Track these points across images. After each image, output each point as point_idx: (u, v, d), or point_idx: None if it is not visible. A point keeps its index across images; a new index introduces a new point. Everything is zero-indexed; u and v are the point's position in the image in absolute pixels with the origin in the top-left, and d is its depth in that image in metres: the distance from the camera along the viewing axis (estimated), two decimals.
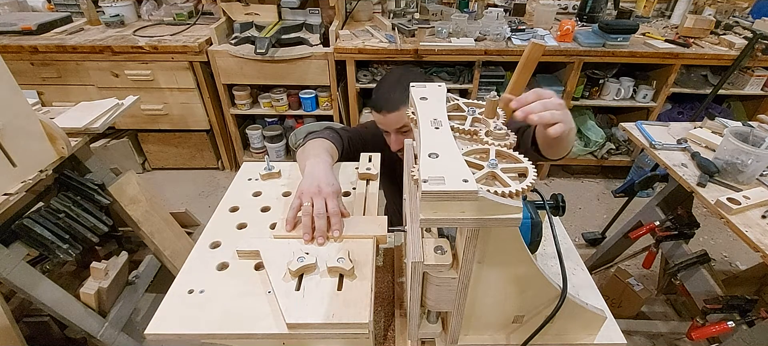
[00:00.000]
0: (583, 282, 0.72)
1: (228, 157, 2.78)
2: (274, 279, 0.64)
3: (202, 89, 2.37)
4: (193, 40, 2.21)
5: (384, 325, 0.76)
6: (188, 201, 2.55)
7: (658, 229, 1.51)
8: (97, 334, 1.32)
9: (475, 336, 0.63)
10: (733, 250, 2.23)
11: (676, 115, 2.58)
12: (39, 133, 1.09)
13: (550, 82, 2.42)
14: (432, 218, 0.45)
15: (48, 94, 2.33)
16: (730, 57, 2.17)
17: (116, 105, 1.35)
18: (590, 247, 2.24)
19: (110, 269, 1.41)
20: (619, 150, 2.70)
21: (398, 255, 0.90)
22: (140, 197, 1.47)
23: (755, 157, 1.09)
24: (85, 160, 1.31)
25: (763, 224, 1.02)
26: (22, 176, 1.06)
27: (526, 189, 0.46)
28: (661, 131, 1.42)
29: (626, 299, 1.75)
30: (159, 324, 0.60)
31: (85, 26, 2.40)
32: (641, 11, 2.70)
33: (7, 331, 1.13)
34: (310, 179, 0.79)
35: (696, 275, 1.37)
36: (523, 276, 0.55)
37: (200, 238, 0.76)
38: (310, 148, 0.94)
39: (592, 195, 2.68)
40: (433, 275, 0.54)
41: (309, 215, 0.72)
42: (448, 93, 0.69)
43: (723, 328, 1.18)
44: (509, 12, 2.59)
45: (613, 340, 0.64)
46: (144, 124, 2.51)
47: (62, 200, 1.21)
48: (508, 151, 0.54)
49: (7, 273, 1.06)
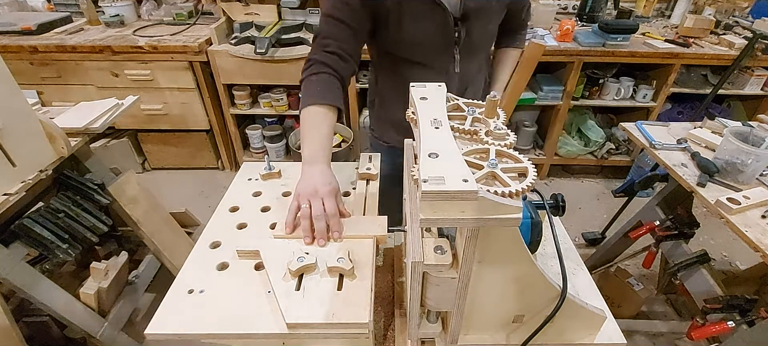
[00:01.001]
0: (583, 282, 0.72)
1: (228, 157, 2.77)
2: (274, 279, 0.64)
3: (202, 89, 2.36)
4: (193, 40, 2.21)
5: (384, 325, 0.76)
6: (188, 201, 2.55)
7: (658, 229, 1.51)
8: (97, 334, 1.32)
9: (475, 336, 0.63)
10: (733, 250, 2.23)
11: (676, 115, 2.58)
12: (39, 133, 1.09)
13: (550, 82, 2.42)
14: (432, 217, 0.45)
15: (48, 94, 2.33)
16: (730, 57, 2.17)
17: (116, 105, 1.35)
18: (590, 247, 2.24)
19: (110, 269, 1.41)
20: (619, 150, 2.70)
21: (398, 255, 0.90)
22: (140, 196, 1.47)
23: (755, 157, 1.09)
24: (85, 160, 1.31)
25: (763, 224, 1.02)
26: (21, 176, 1.06)
27: (526, 189, 0.46)
28: (661, 131, 1.42)
29: (626, 299, 1.75)
30: (159, 324, 0.60)
31: (84, 26, 2.40)
32: (641, 11, 2.70)
33: (7, 331, 1.13)
34: (307, 179, 0.78)
35: (696, 274, 1.37)
36: (523, 276, 0.55)
37: (200, 238, 0.76)
38: (307, 128, 0.85)
39: (592, 195, 2.68)
40: (433, 274, 0.54)
41: (307, 218, 0.72)
42: (448, 93, 0.69)
43: (723, 328, 1.18)
44: None
45: (613, 340, 0.64)
46: (144, 124, 2.51)
47: (62, 199, 1.21)
48: (508, 151, 0.54)
49: (7, 273, 1.06)
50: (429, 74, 1.03)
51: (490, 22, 1.04)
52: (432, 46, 0.99)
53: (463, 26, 0.97)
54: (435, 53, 1.01)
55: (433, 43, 0.98)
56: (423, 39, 0.96)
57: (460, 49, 1.01)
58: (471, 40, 1.02)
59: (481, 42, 1.07)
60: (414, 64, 1.02)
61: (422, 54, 1.01)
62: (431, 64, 1.02)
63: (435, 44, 0.99)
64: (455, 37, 0.98)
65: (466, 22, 0.97)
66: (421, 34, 0.95)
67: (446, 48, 1.00)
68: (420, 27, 0.94)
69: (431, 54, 1.01)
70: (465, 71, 1.07)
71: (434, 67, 1.03)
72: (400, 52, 1.01)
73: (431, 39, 0.97)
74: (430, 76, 1.01)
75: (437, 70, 1.04)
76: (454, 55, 1.02)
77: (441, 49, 1.01)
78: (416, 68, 1.03)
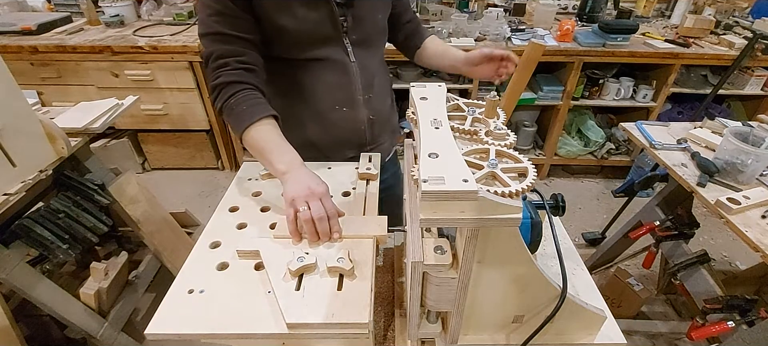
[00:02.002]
0: (583, 282, 0.72)
1: (228, 157, 2.77)
2: (274, 279, 0.64)
3: (202, 89, 2.36)
4: (193, 40, 2.21)
5: (384, 325, 0.76)
6: (188, 201, 2.55)
7: (658, 229, 1.51)
8: (97, 334, 1.32)
9: (475, 336, 0.63)
10: (733, 250, 2.23)
11: (676, 115, 2.58)
12: (39, 134, 1.09)
13: (550, 82, 2.42)
14: (432, 217, 0.45)
15: (48, 94, 2.33)
16: (730, 57, 2.18)
17: (116, 105, 1.35)
18: (590, 247, 2.24)
19: (110, 269, 1.41)
20: (619, 150, 2.70)
21: (398, 255, 0.90)
22: (140, 197, 1.47)
23: (755, 157, 1.09)
24: (85, 161, 1.31)
25: (763, 224, 1.02)
26: (21, 176, 1.06)
27: (526, 189, 0.46)
28: (661, 131, 1.42)
29: (626, 299, 1.75)
30: (159, 324, 0.60)
31: (84, 26, 2.40)
32: (641, 11, 2.70)
33: (7, 331, 1.13)
34: (296, 183, 0.75)
35: (696, 275, 1.37)
36: (523, 276, 0.55)
37: (200, 238, 0.76)
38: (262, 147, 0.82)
39: (592, 195, 2.68)
40: (433, 274, 0.54)
41: (310, 220, 0.71)
42: (448, 93, 0.69)
43: (723, 328, 1.18)
44: (509, 12, 2.59)
45: (613, 340, 0.64)
46: (144, 124, 2.51)
47: (62, 200, 1.21)
48: (508, 150, 0.54)
49: (7, 273, 1.06)
50: (326, 70, 0.97)
51: (377, 10, 1.01)
52: (320, 35, 0.93)
53: (349, 11, 0.94)
54: (324, 45, 0.95)
55: (320, 32, 0.92)
56: (308, 27, 0.90)
57: (350, 38, 0.97)
58: (361, 29, 0.98)
59: (372, 33, 1.02)
60: (307, 62, 0.96)
61: (311, 47, 0.94)
62: (324, 57, 0.96)
63: (323, 33, 0.93)
64: (342, 23, 0.94)
65: (350, 8, 0.94)
66: (305, 24, 0.89)
67: (336, 38, 0.95)
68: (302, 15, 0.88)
69: (321, 45, 0.94)
70: (364, 63, 1.01)
71: (328, 60, 0.96)
72: (289, 52, 0.94)
73: (317, 26, 0.91)
74: (327, 73, 0.97)
75: (333, 65, 0.97)
76: (346, 45, 0.97)
77: (330, 39, 0.94)
78: (310, 66, 0.96)
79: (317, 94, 1.00)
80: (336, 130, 1.05)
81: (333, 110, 1.02)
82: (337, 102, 1.01)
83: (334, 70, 0.98)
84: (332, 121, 1.03)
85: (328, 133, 1.05)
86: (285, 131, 0.87)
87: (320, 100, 1.01)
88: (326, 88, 1.00)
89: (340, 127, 1.05)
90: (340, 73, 0.99)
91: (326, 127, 1.04)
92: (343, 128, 1.05)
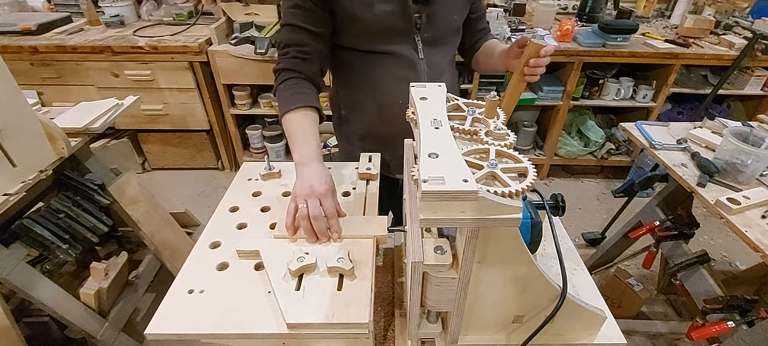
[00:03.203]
0: (583, 282, 0.72)
1: (228, 157, 2.78)
2: (274, 279, 0.64)
3: (202, 89, 2.37)
4: (193, 41, 2.21)
5: (384, 325, 0.76)
6: (188, 201, 2.55)
7: (658, 229, 1.51)
8: (97, 334, 1.32)
9: (475, 336, 0.63)
10: (733, 250, 2.23)
11: (676, 115, 2.58)
12: (39, 134, 1.09)
13: (550, 82, 2.42)
14: (432, 218, 0.45)
15: (48, 95, 2.33)
16: (730, 57, 2.18)
17: (116, 105, 1.35)
18: (590, 247, 2.24)
19: (110, 269, 1.41)
20: (619, 150, 2.70)
21: (398, 255, 0.90)
22: (140, 197, 1.47)
23: (755, 157, 1.09)
24: (85, 161, 1.31)
25: (763, 224, 1.02)
26: (21, 176, 1.06)
27: (526, 189, 0.46)
28: (661, 131, 1.42)
29: (626, 299, 1.75)
30: (159, 324, 0.60)
31: (85, 26, 2.40)
32: (641, 11, 2.70)
33: (7, 331, 1.13)
34: (302, 179, 0.78)
35: (696, 275, 1.37)
36: (523, 276, 0.55)
37: (200, 238, 0.76)
38: (291, 134, 0.86)
39: (592, 195, 2.68)
40: (433, 275, 0.54)
41: (306, 218, 0.72)
42: (448, 93, 0.69)
43: (723, 328, 1.18)
44: (509, 12, 2.59)
45: (613, 340, 0.64)
46: (144, 124, 2.51)
47: (62, 200, 1.21)
48: (508, 151, 0.54)
49: (7, 273, 1.06)
50: (394, 65, 0.99)
51: (453, 11, 1.01)
52: (392, 28, 0.94)
53: (424, 9, 0.94)
54: (395, 39, 0.96)
55: (392, 26, 0.94)
56: (381, 19, 0.92)
57: (421, 35, 0.98)
58: (434, 27, 0.98)
59: (445, 32, 1.03)
60: (376, 55, 0.98)
61: (382, 40, 0.96)
62: (393, 52, 0.98)
63: (395, 27, 0.94)
64: (416, 20, 0.95)
65: (426, 5, 0.94)
66: (379, 17, 0.92)
67: (407, 33, 0.96)
68: (377, 6, 0.91)
69: (392, 40, 0.96)
70: (433, 60, 1.02)
71: (397, 56, 0.98)
72: (360, 43, 0.97)
73: (390, 19, 0.93)
74: (394, 67, 0.98)
75: (401, 60, 0.99)
76: (416, 42, 0.98)
77: (401, 33, 0.96)
78: (380, 59, 0.98)
79: (382, 87, 1.02)
80: (399, 123, 1.06)
81: (396, 105, 1.02)
82: (401, 97, 1.01)
83: (402, 65, 1.00)
84: (395, 114, 1.02)
85: (390, 125, 1.05)
86: (350, 120, 0.97)
87: (385, 93, 1.03)
88: (392, 82, 1.01)
89: (403, 121, 1.06)
90: (408, 68, 1.00)
91: (389, 120, 1.05)
92: (406, 123, 1.07)
